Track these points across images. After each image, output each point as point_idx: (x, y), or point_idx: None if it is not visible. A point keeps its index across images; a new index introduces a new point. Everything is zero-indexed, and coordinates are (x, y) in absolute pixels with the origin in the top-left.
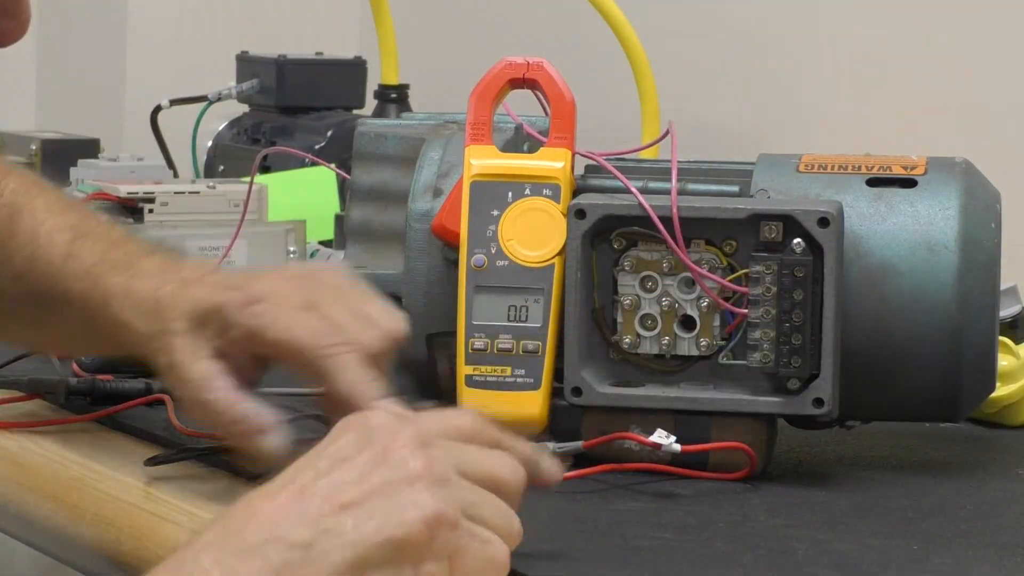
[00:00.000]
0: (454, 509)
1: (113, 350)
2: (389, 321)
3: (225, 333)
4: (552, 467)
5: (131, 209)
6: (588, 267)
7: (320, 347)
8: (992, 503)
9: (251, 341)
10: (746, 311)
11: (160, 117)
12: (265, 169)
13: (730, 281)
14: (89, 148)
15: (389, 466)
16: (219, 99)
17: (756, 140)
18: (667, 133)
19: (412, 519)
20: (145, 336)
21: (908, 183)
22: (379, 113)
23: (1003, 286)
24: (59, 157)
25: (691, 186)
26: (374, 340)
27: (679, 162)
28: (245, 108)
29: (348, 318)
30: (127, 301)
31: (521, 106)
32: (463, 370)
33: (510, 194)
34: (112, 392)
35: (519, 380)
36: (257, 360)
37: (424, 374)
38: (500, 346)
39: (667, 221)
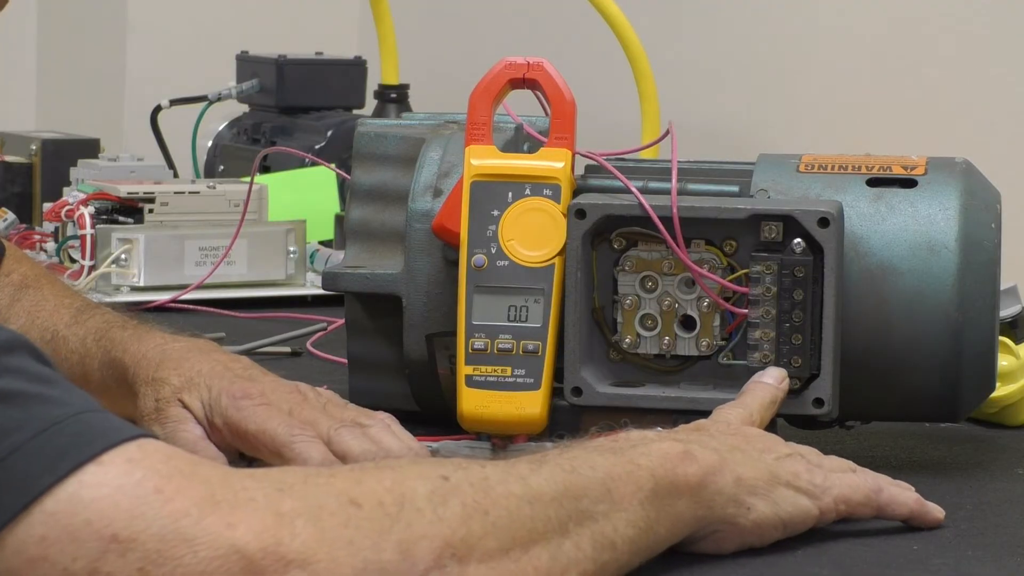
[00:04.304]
0: None
1: (96, 391)
2: (373, 428)
3: (209, 413)
4: None
5: (131, 209)
6: (588, 267)
7: (290, 435)
8: (992, 503)
9: (229, 431)
10: (746, 311)
11: (160, 117)
12: (265, 169)
13: (730, 281)
14: (89, 148)
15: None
16: (219, 99)
17: (756, 140)
18: (667, 133)
19: None
20: (141, 379)
21: (908, 183)
22: (379, 113)
23: (1003, 286)
24: (59, 157)
25: (691, 186)
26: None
27: (679, 162)
28: (245, 108)
29: (324, 420)
30: (130, 347)
31: (521, 106)
32: (463, 370)
33: (510, 194)
34: None
35: (519, 380)
36: (229, 454)
37: (424, 374)
38: (500, 346)
39: (667, 221)
